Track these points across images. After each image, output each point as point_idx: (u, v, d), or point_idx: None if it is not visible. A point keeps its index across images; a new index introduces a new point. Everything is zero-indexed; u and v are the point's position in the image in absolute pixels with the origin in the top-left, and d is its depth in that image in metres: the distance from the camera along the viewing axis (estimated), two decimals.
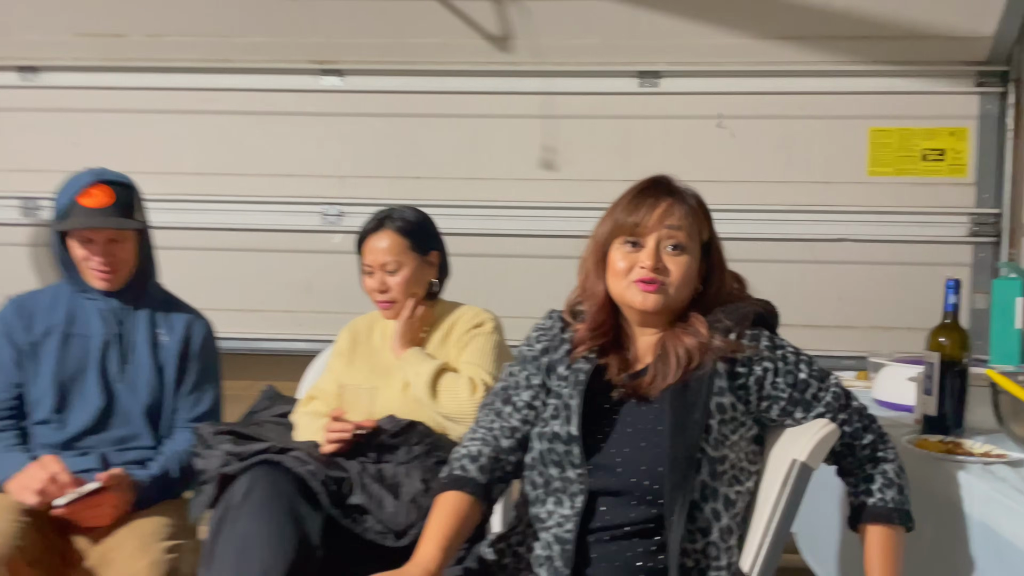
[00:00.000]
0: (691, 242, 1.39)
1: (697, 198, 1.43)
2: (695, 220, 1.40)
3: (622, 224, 1.39)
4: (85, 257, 1.87)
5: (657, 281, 1.37)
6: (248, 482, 1.52)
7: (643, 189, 1.42)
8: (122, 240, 1.88)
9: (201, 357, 1.97)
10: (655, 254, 1.37)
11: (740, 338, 1.35)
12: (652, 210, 1.38)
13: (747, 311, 1.38)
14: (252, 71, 3.07)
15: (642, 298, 1.37)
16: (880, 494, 1.32)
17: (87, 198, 1.83)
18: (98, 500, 1.68)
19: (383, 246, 1.91)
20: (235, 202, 3.10)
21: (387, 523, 1.55)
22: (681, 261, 1.37)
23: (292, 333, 3.08)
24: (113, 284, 1.90)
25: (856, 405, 1.38)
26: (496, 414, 1.46)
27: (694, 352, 1.33)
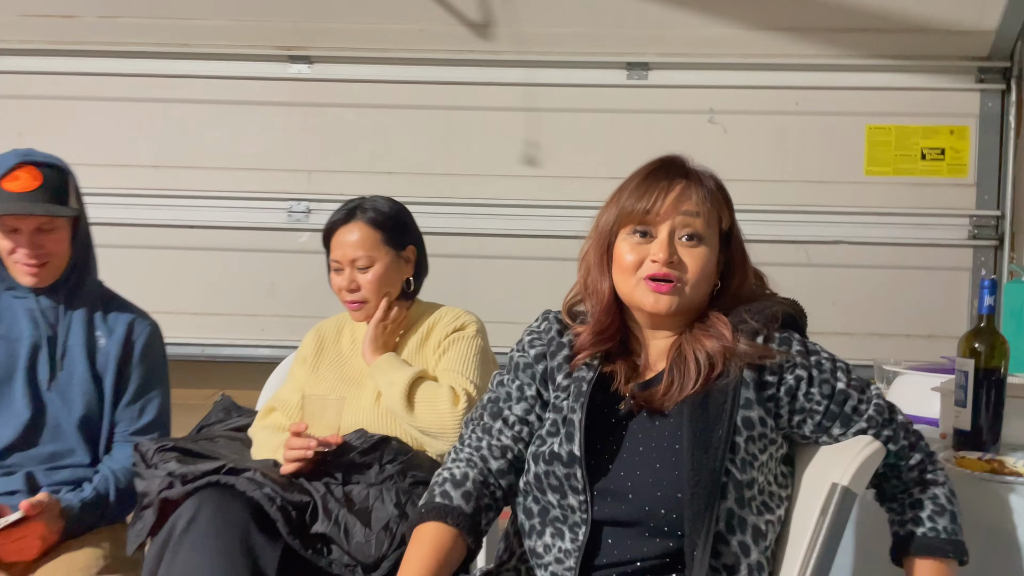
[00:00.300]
0: (709, 231, 1.22)
1: (716, 180, 1.26)
2: (714, 205, 1.23)
3: (630, 211, 1.22)
4: (10, 249, 1.65)
5: (671, 278, 1.19)
6: (193, 508, 1.33)
7: (653, 170, 1.24)
8: (52, 230, 1.66)
9: (145, 362, 1.76)
10: (668, 246, 1.19)
11: (769, 341, 1.18)
12: (664, 194, 1.20)
13: (775, 310, 1.20)
14: (214, 57, 2.94)
15: (654, 299, 1.19)
16: (931, 523, 1.15)
17: (11, 181, 1.61)
18: (22, 531, 1.47)
19: (353, 239, 1.73)
20: (194, 197, 2.95)
21: (356, 555, 1.37)
22: (699, 253, 1.20)
23: (253, 339, 2.93)
24: (42, 279, 1.67)
25: (901, 419, 1.21)
26: (484, 431, 1.27)
27: (716, 357, 1.15)
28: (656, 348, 1.24)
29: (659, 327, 1.24)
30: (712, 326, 1.18)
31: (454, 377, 1.64)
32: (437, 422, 1.58)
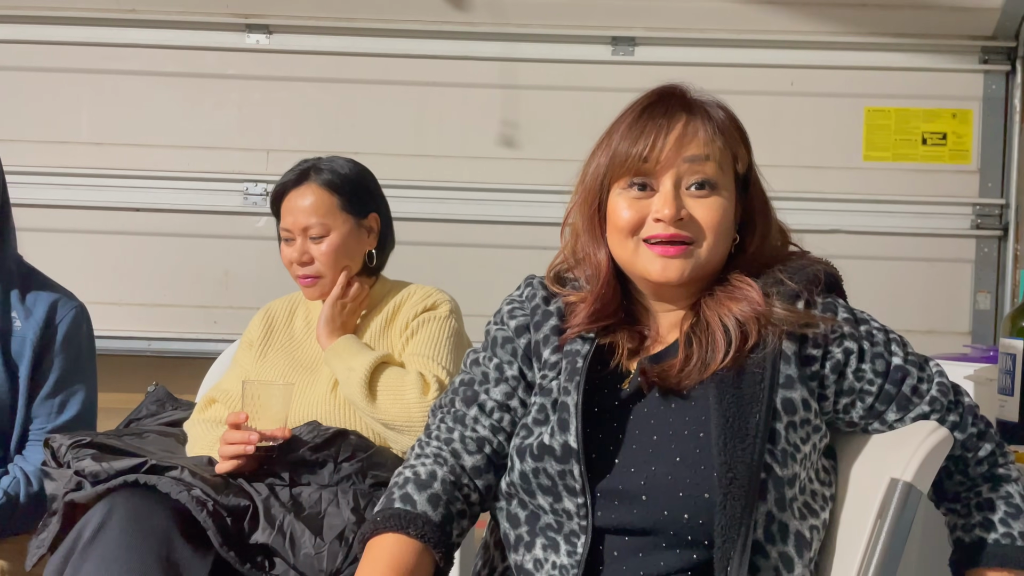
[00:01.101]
0: (724, 176, 1.02)
1: (727, 111, 1.08)
2: (727, 144, 1.03)
3: (624, 159, 1.02)
4: None
5: (681, 239, 0.99)
6: (102, 513, 1.14)
7: (649, 105, 1.05)
8: None
9: (68, 350, 1.57)
10: (675, 200, 1.00)
11: (811, 307, 0.98)
12: (665, 135, 1.01)
13: (816, 270, 1.02)
14: (163, 25, 2.78)
15: (661, 266, 1.00)
16: (1004, 527, 0.95)
17: None
18: None
19: (306, 205, 1.56)
20: (141, 178, 2.78)
21: (304, 569, 1.18)
22: (712, 204, 1.01)
23: (204, 332, 2.75)
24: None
25: (968, 402, 1.01)
26: (456, 420, 1.05)
27: (749, 324, 0.94)
28: (667, 320, 1.04)
29: (668, 298, 1.04)
30: (737, 288, 0.98)
31: (423, 363, 1.45)
32: (403, 414, 1.38)
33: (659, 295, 1.05)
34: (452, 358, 1.48)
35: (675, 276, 1.00)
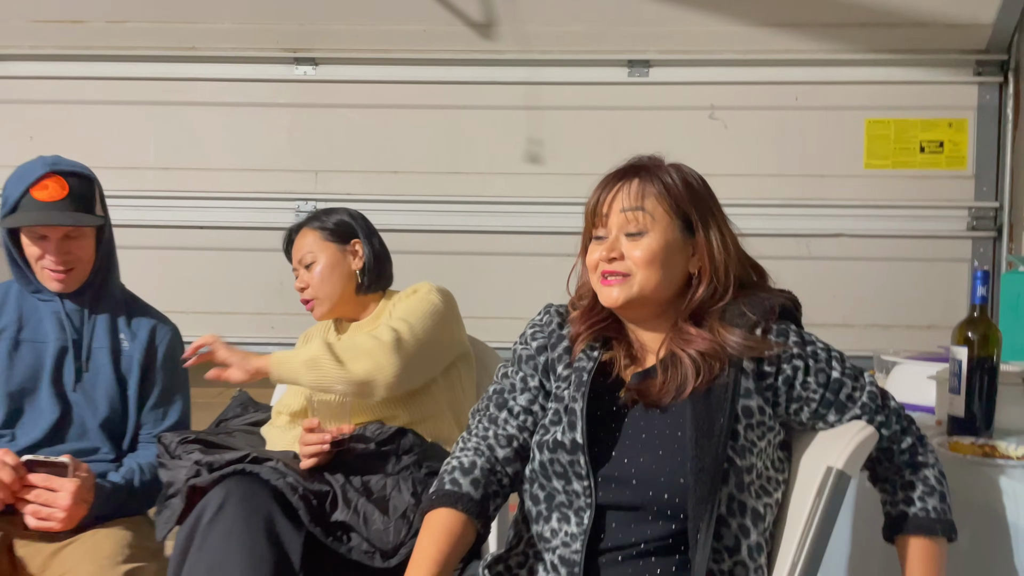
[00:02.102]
0: (657, 224, 1.24)
1: (682, 175, 1.28)
2: (670, 200, 1.24)
3: (590, 212, 1.28)
4: (38, 255, 1.70)
5: (617, 273, 1.23)
6: (221, 496, 1.37)
7: (613, 172, 1.29)
8: (79, 237, 1.71)
9: (167, 366, 1.81)
10: (610, 244, 1.25)
11: (767, 333, 1.22)
12: (609, 195, 1.25)
13: (773, 303, 1.24)
14: (220, 60, 2.97)
15: (606, 293, 1.25)
16: (921, 503, 1.19)
17: (41, 191, 1.66)
18: (59, 483, 1.53)
19: (301, 242, 1.83)
20: (202, 198, 2.99)
21: (374, 542, 1.41)
22: (641, 245, 1.23)
23: (263, 336, 2.94)
24: (68, 285, 1.72)
25: (893, 405, 1.25)
26: (491, 421, 1.31)
27: (712, 356, 1.19)
28: (647, 337, 1.28)
29: (633, 320, 1.29)
30: (689, 335, 1.21)
31: (388, 321, 1.67)
32: (370, 360, 1.58)
33: (627, 317, 1.29)
34: (426, 321, 1.67)
35: (614, 300, 1.23)
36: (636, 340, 1.29)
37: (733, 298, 1.24)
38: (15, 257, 1.73)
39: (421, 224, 2.95)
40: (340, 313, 1.81)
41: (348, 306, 1.80)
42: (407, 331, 1.64)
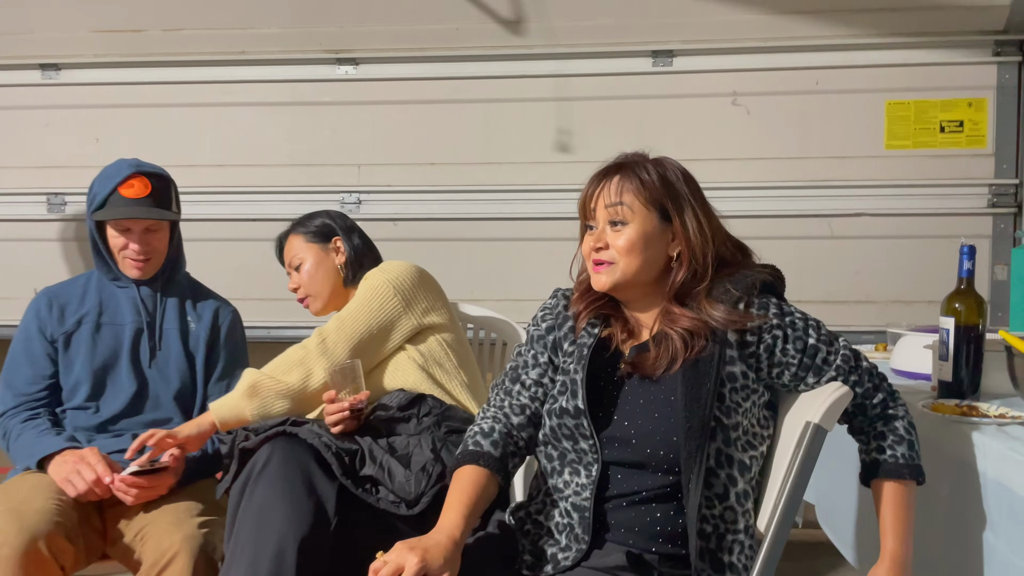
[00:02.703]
0: (636, 215, 1.38)
1: (660, 170, 1.41)
2: (648, 193, 1.39)
3: (581, 207, 1.44)
4: (122, 246, 1.92)
5: (603, 261, 1.39)
6: (266, 454, 1.56)
7: (598, 171, 1.44)
8: (158, 230, 1.94)
9: (229, 343, 2.02)
10: (597, 235, 1.40)
11: (749, 307, 1.36)
12: (595, 191, 1.41)
13: (754, 279, 1.39)
14: (268, 62, 3.13)
15: (595, 278, 1.41)
16: (891, 450, 1.33)
17: (127, 189, 1.88)
18: (156, 481, 1.73)
19: (289, 247, 2.02)
20: (254, 192, 3.15)
21: (399, 492, 1.58)
22: (622, 234, 1.38)
23: (312, 320, 3.06)
24: (146, 273, 1.95)
25: (866, 366, 1.39)
26: (506, 393, 1.50)
27: (697, 332, 1.34)
28: (641, 317, 1.44)
29: (627, 301, 1.44)
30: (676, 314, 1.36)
31: (322, 325, 1.85)
32: (301, 368, 1.77)
33: (619, 297, 1.44)
34: (353, 316, 1.81)
35: (602, 284, 1.40)
36: (631, 317, 1.45)
37: (719, 276, 1.39)
38: (100, 247, 1.95)
39: (457, 212, 3.10)
40: (334, 306, 1.99)
41: (339, 299, 1.98)
42: (334, 332, 1.81)
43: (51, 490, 1.71)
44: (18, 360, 1.92)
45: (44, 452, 1.77)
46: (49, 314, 1.94)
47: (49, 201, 3.21)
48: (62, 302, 1.95)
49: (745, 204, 3.04)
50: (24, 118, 3.20)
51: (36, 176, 3.21)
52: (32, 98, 3.19)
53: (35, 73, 3.19)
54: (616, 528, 1.34)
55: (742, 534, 1.31)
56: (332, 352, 1.78)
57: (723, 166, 3.07)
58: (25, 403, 1.88)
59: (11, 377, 1.91)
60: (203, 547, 1.62)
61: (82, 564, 1.72)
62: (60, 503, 1.68)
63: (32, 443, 1.80)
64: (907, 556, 1.29)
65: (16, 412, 1.87)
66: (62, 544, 1.61)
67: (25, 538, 1.55)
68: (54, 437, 1.81)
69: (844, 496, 1.91)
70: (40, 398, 1.90)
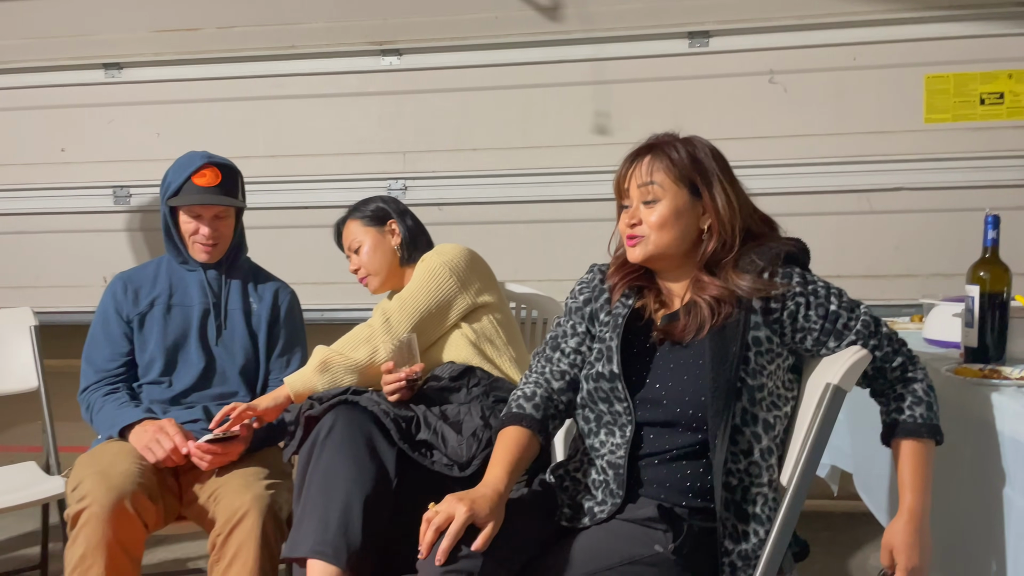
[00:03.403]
0: (668, 192, 1.47)
1: (688, 149, 1.50)
2: (679, 171, 1.47)
3: (616, 186, 1.54)
4: (193, 231, 2.08)
5: (636, 236, 1.47)
6: (331, 420, 1.68)
7: (631, 152, 1.53)
8: (226, 217, 2.09)
9: (288, 322, 2.17)
10: (631, 212, 1.49)
11: (773, 276, 1.44)
12: (627, 170, 1.50)
13: (778, 250, 1.46)
14: (316, 56, 3.22)
15: (629, 252, 1.50)
16: (910, 411, 1.40)
17: (200, 178, 2.03)
18: (228, 448, 1.88)
19: (347, 232, 2.14)
20: (305, 181, 3.26)
21: (452, 456, 1.70)
22: (654, 211, 1.48)
23: (363, 303, 3.19)
24: (213, 257, 2.10)
25: (885, 331, 1.45)
26: (547, 360, 1.60)
27: (724, 300, 1.43)
28: (673, 287, 1.53)
29: (660, 272, 1.53)
30: (705, 282, 1.45)
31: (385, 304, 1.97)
32: (367, 345, 1.89)
33: (652, 268, 1.54)
34: (414, 295, 1.93)
35: (636, 257, 1.49)
36: (664, 287, 1.54)
37: (746, 248, 1.47)
38: (172, 233, 2.11)
39: (500, 196, 3.18)
40: (391, 285, 2.12)
41: (395, 277, 2.11)
42: (397, 311, 1.93)
43: (133, 455, 1.87)
44: (97, 339, 2.09)
45: (125, 422, 1.93)
46: (124, 296, 2.10)
47: (115, 193, 3.38)
48: (136, 285, 2.12)
49: (784, 181, 3.08)
50: (90, 115, 3.36)
51: (102, 170, 3.37)
52: (96, 96, 3.35)
53: (99, 72, 3.35)
54: (649, 484, 1.44)
55: (766, 487, 1.39)
56: (395, 330, 1.90)
57: (761, 144, 3.10)
58: (105, 378, 2.05)
59: (92, 355, 2.08)
60: (270, 506, 1.77)
61: (161, 523, 1.88)
62: (142, 466, 1.84)
63: (114, 414, 1.96)
64: (925, 510, 1.36)
65: (98, 387, 2.04)
66: (145, 503, 1.77)
67: (113, 497, 1.71)
68: (133, 409, 1.98)
69: (879, 464, 1.97)
70: (119, 374, 2.06)
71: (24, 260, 3.41)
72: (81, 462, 1.88)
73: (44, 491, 2.14)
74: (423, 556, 1.31)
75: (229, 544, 1.73)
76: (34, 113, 3.39)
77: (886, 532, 1.38)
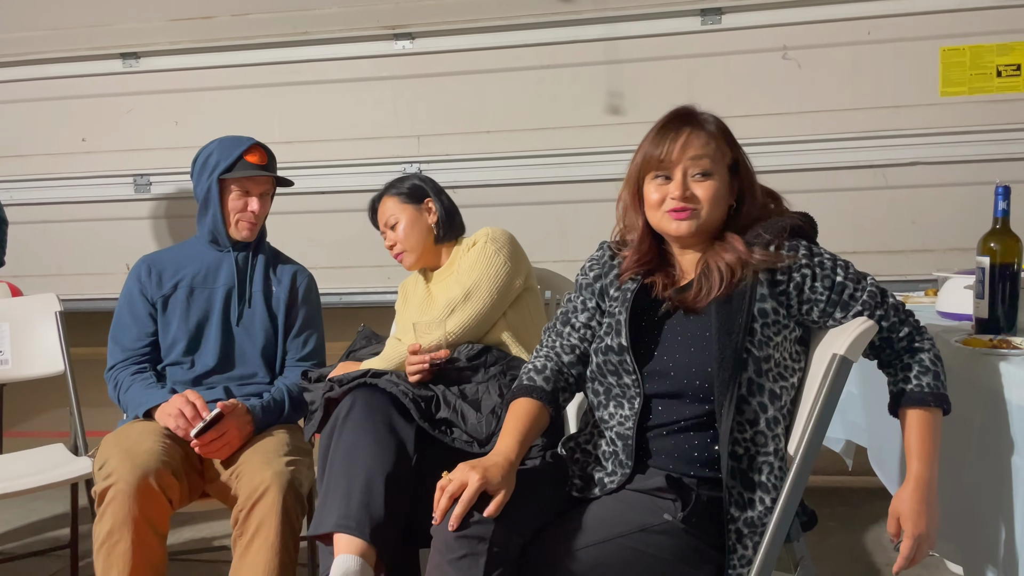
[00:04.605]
0: (716, 166, 1.49)
1: (718, 123, 1.52)
2: (718, 145, 1.49)
3: (650, 159, 1.51)
4: (242, 207, 2.13)
5: (688, 208, 1.48)
6: (350, 401, 1.72)
7: (665, 124, 1.52)
8: (267, 195, 2.15)
9: (305, 305, 2.21)
10: (682, 184, 1.48)
11: (779, 249, 1.45)
12: (675, 143, 1.48)
13: (784, 223, 1.48)
14: (329, 41, 3.24)
15: (676, 225, 1.49)
16: (917, 380, 1.41)
17: (252, 156, 2.10)
18: (223, 427, 1.92)
19: (384, 208, 2.17)
20: (322, 166, 3.29)
21: (471, 433, 1.74)
22: (708, 185, 1.48)
23: (382, 286, 3.29)
24: (253, 234, 2.16)
25: (892, 302, 1.46)
26: (557, 334, 1.63)
27: (735, 266, 1.44)
28: (686, 262, 1.54)
29: (686, 246, 1.54)
30: (729, 242, 1.47)
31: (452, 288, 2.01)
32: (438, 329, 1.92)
33: (681, 244, 1.54)
34: (477, 274, 1.97)
35: (685, 231, 1.49)
36: (678, 263, 1.55)
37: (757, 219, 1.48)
38: (216, 210, 2.14)
39: (515, 178, 3.19)
40: (425, 262, 2.15)
41: (430, 255, 2.14)
42: (464, 304, 1.96)
43: (158, 434, 1.92)
44: (124, 320, 2.14)
45: (151, 404, 1.99)
46: (148, 279, 2.15)
47: (136, 182, 3.44)
48: (159, 268, 2.17)
49: (799, 158, 3.07)
50: (108, 105, 3.42)
51: (122, 159, 3.43)
52: (115, 86, 3.40)
53: (116, 62, 3.40)
54: (657, 455, 1.46)
55: (772, 456, 1.41)
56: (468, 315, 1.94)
57: (775, 121, 3.09)
58: (132, 357, 2.11)
59: (118, 335, 2.14)
60: (291, 482, 1.81)
61: (186, 500, 1.93)
62: (166, 445, 1.89)
63: (141, 395, 2.02)
64: (932, 478, 1.37)
65: (125, 365, 2.10)
66: (169, 480, 1.82)
67: (138, 474, 1.76)
68: (159, 391, 2.03)
69: (892, 438, 1.98)
70: (144, 353, 2.12)
71: (48, 249, 3.49)
72: (107, 441, 1.93)
73: (72, 471, 2.20)
74: (436, 522, 1.35)
75: (251, 519, 1.78)
76: (54, 104, 3.45)
77: (893, 500, 1.40)
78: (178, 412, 1.91)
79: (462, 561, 1.29)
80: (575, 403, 1.76)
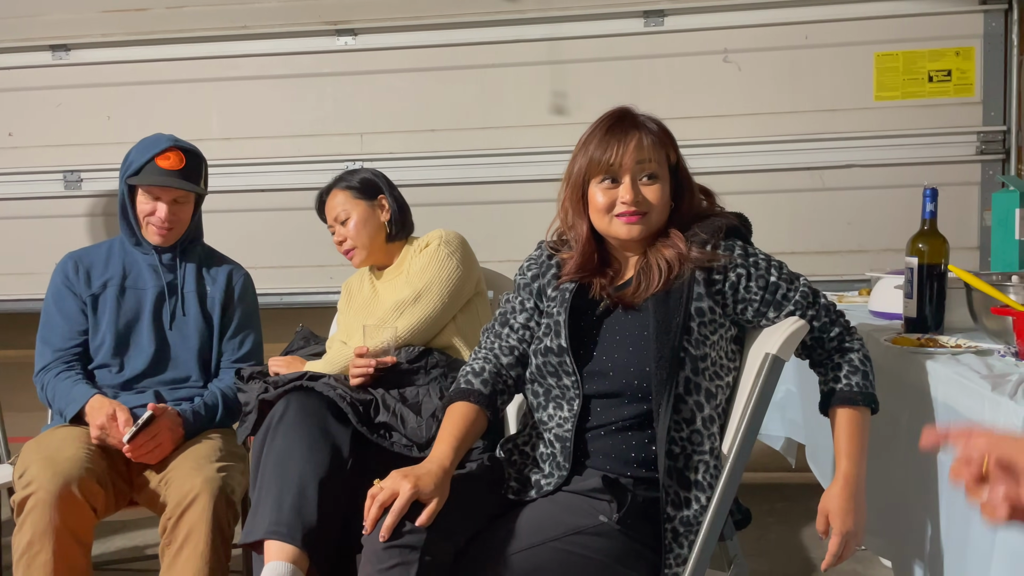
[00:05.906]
0: (661, 168, 1.49)
1: (660, 125, 1.52)
2: (662, 147, 1.50)
3: (597, 163, 1.49)
4: (149, 212, 2.04)
5: (639, 213, 1.48)
6: (284, 405, 1.68)
7: (610, 126, 1.51)
8: (185, 202, 2.06)
9: (241, 304, 2.15)
10: (632, 189, 1.47)
11: (716, 248, 1.46)
12: (624, 147, 1.47)
13: (721, 223, 1.49)
14: (269, 36, 3.18)
15: (627, 230, 1.49)
16: (846, 380, 1.44)
17: (164, 160, 2.00)
18: (154, 430, 1.86)
19: (334, 202, 2.09)
20: (261, 164, 3.23)
21: (411, 437, 1.71)
22: (656, 188, 1.48)
23: (324, 286, 3.24)
24: (167, 240, 2.07)
25: (824, 302, 1.49)
26: (496, 336, 1.61)
27: (674, 262, 1.45)
28: (629, 261, 1.54)
29: (629, 248, 1.54)
30: (670, 239, 1.48)
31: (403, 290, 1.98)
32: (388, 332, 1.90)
33: (624, 246, 1.54)
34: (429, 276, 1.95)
35: (637, 234, 1.49)
36: (619, 263, 1.55)
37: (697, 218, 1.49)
38: (128, 212, 2.07)
39: (458, 177, 3.17)
40: (375, 260, 2.10)
41: (380, 253, 2.09)
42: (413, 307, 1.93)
43: (81, 440, 1.85)
44: (53, 319, 2.05)
45: (79, 402, 1.91)
46: (76, 276, 2.07)
47: (66, 178, 3.32)
48: (87, 265, 2.08)
49: (738, 159, 3.11)
50: (36, 98, 3.29)
51: (52, 155, 3.31)
52: (43, 79, 3.28)
53: (46, 54, 3.28)
54: (595, 455, 1.46)
55: (707, 455, 1.42)
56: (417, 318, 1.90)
57: (716, 123, 3.13)
58: (61, 357, 2.02)
59: (47, 335, 2.05)
60: (222, 488, 1.76)
61: (112, 509, 1.86)
62: (90, 451, 1.82)
63: (69, 392, 1.94)
64: (860, 476, 1.40)
65: (55, 366, 2.01)
66: (93, 488, 1.75)
67: (59, 482, 1.69)
68: (85, 387, 1.95)
69: (825, 435, 2.01)
70: (76, 353, 2.04)
71: None
72: (28, 448, 1.86)
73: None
74: (367, 532, 1.32)
75: (180, 527, 1.72)
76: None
77: (822, 498, 1.42)
78: (98, 423, 1.84)
79: (393, 571, 1.27)
80: (515, 403, 1.74)
